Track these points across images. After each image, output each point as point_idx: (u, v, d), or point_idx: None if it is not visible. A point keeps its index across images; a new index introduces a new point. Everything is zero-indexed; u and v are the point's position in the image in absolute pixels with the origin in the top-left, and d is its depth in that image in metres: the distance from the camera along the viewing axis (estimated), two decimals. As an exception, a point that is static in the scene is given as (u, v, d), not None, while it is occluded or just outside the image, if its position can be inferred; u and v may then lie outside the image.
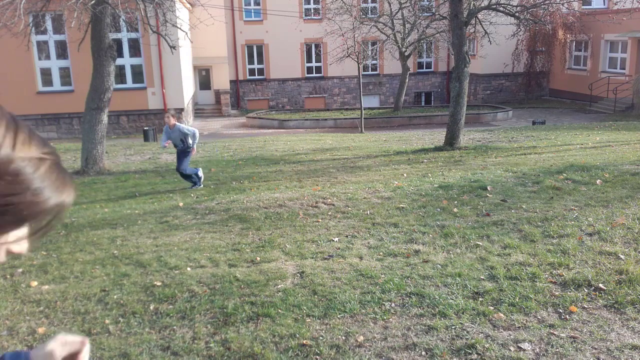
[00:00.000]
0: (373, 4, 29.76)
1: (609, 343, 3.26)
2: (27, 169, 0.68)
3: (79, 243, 5.61)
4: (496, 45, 20.65)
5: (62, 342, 0.97)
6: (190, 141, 9.05)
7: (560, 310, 3.66)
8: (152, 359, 3.30)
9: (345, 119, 24.71)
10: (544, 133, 15.45)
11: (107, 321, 3.75)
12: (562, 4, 16.60)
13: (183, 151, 9.13)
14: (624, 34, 23.78)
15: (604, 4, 29.35)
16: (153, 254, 5.11)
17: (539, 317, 3.58)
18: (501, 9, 13.16)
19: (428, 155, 11.90)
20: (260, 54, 30.04)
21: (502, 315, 3.60)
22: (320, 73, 30.72)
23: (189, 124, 24.46)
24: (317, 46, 29.94)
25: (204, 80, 29.37)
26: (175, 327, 3.64)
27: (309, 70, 30.67)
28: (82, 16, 10.94)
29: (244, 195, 7.55)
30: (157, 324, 3.70)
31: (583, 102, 26.52)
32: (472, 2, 13.59)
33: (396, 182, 7.76)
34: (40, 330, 3.67)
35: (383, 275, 4.27)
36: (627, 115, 22.56)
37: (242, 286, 4.22)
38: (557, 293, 3.89)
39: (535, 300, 3.79)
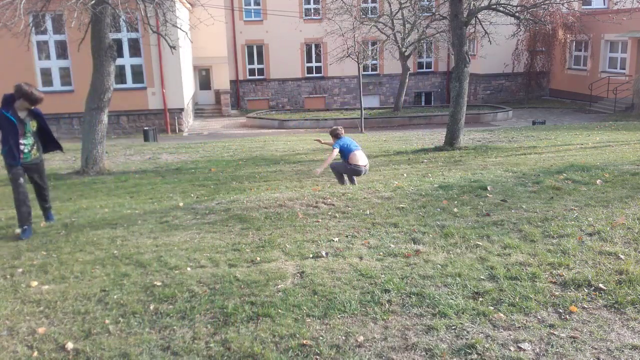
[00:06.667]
0: (373, 4, 29.76)
1: (609, 343, 3.26)
2: None
3: (79, 243, 5.60)
4: (496, 45, 20.65)
5: None
6: None
7: (560, 310, 3.66)
8: (152, 359, 3.30)
9: (345, 119, 24.70)
10: (544, 133, 15.45)
11: (107, 321, 3.75)
12: (562, 4, 16.60)
13: None
14: (624, 34, 23.78)
15: (604, 4, 29.36)
16: (153, 254, 5.10)
17: (539, 317, 3.58)
18: (501, 9, 13.16)
19: (428, 155, 11.90)
20: (260, 54, 30.04)
21: (502, 315, 3.60)
22: (320, 73, 30.71)
23: (189, 124, 24.46)
24: (317, 46, 29.93)
25: (204, 80, 29.38)
26: (175, 327, 3.64)
27: (309, 70, 30.67)
28: (82, 16, 10.94)
29: (244, 195, 7.54)
30: (157, 324, 3.70)
31: (583, 102, 26.51)
32: (472, 2, 13.59)
33: (396, 182, 7.75)
34: (40, 330, 3.67)
35: (383, 275, 4.27)
36: (627, 115, 22.56)
37: (242, 286, 4.22)
38: (557, 293, 3.89)
39: (535, 300, 3.79)
